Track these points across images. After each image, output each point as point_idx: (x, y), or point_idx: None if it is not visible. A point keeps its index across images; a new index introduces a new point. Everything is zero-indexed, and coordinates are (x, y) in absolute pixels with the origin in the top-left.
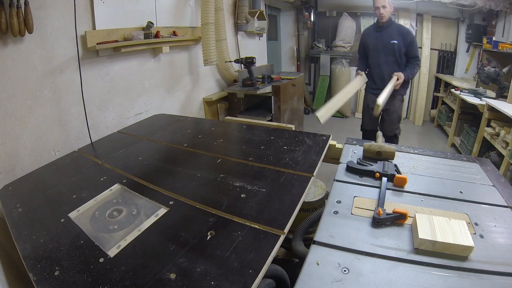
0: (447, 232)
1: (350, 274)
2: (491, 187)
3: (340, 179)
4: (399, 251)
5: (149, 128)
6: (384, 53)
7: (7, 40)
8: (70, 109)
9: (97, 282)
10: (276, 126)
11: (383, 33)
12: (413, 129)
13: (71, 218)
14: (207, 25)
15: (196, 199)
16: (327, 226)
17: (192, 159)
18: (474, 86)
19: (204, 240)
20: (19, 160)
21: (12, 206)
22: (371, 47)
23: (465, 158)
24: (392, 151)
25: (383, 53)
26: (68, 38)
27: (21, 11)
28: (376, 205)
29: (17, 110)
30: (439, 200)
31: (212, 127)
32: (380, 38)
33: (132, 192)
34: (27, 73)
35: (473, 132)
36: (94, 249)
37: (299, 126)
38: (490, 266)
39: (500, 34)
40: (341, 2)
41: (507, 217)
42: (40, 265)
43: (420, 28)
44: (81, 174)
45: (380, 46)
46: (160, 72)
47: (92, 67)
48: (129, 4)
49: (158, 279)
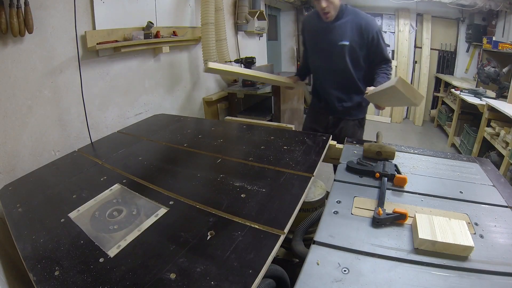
0: (447, 232)
1: (350, 274)
2: (491, 187)
3: (340, 179)
4: (399, 251)
5: (149, 128)
6: (327, 60)
7: (7, 40)
8: (70, 109)
9: (97, 282)
10: (276, 126)
11: (329, 27)
12: (413, 129)
13: (71, 218)
14: (207, 25)
15: (196, 199)
16: (327, 226)
17: (192, 159)
18: (474, 86)
19: (204, 240)
20: (19, 160)
21: (12, 206)
22: (309, 47)
23: (465, 158)
24: (392, 151)
25: (326, 59)
26: (68, 38)
27: (21, 11)
28: (376, 205)
29: (17, 110)
30: (439, 200)
31: (212, 127)
32: (323, 35)
33: (132, 192)
34: (27, 73)
35: (473, 132)
36: (94, 249)
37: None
38: (490, 266)
39: (500, 34)
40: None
41: (507, 217)
42: (40, 265)
43: (420, 28)
44: (81, 174)
45: (322, 48)
46: (160, 72)
47: (92, 67)
48: (129, 4)
49: (158, 279)
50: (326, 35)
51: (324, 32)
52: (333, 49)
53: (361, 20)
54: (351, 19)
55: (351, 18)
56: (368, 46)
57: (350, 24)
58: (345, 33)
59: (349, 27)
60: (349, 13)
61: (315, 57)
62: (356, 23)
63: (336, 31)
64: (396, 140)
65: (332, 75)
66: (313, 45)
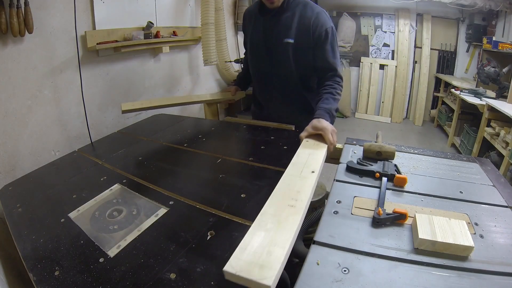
0: (447, 232)
1: (350, 274)
2: (491, 187)
3: (340, 179)
4: (399, 251)
5: (149, 128)
6: (268, 62)
7: (7, 40)
8: (70, 109)
9: (97, 282)
10: (276, 126)
11: (272, 21)
12: (413, 129)
13: (71, 218)
14: (207, 25)
15: (196, 199)
16: (327, 226)
17: (192, 159)
18: (474, 86)
19: (204, 240)
20: (19, 160)
21: (12, 206)
22: (249, 44)
23: (465, 158)
24: (392, 151)
25: (267, 61)
26: (68, 38)
27: (21, 11)
28: (376, 205)
29: (17, 110)
30: (439, 200)
31: (212, 127)
32: (265, 31)
33: (132, 192)
34: (27, 73)
35: (473, 132)
36: (94, 249)
37: None
38: (490, 266)
39: (500, 34)
40: (341, 2)
41: (507, 217)
42: (40, 265)
43: (420, 28)
44: (81, 174)
45: (263, 47)
46: (160, 72)
47: (92, 67)
48: (129, 4)
49: (158, 279)
50: (269, 31)
51: (266, 27)
52: (276, 48)
53: (311, 13)
54: (299, 11)
55: (299, 10)
56: (315, 47)
57: (298, 17)
58: (291, 29)
59: (296, 22)
60: (298, 3)
61: (254, 57)
62: (304, 17)
63: (281, 26)
64: (396, 140)
65: (275, 82)
66: (253, 43)
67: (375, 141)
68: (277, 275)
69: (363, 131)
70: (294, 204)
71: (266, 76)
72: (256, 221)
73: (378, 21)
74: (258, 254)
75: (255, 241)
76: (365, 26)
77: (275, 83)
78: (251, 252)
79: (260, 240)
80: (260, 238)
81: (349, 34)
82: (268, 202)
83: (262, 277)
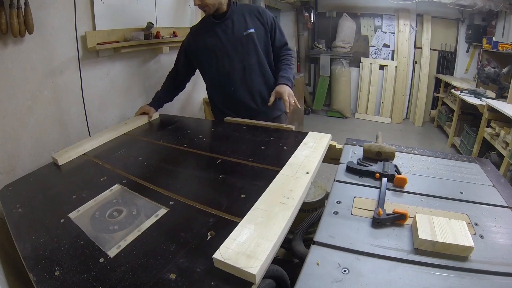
0: (447, 233)
1: (350, 274)
2: (491, 188)
3: (340, 179)
4: (399, 251)
5: (149, 129)
6: (239, 55)
7: (7, 40)
8: (70, 109)
9: (97, 282)
10: (276, 126)
11: (228, 23)
12: (413, 129)
13: (71, 218)
14: None
15: (196, 200)
16: (327, 226)
17: (192, 159)
18: (474, 86)
19: (204, 240)
20: (19, 160)
21: (12, 206)
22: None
23: (465, 158)
24: (392, 152)
25: (238, 55)
26: (68, 39)
27: (21, 11)
28: (376, 205)
29: (17, 110)
30: (439, 201)
31: (212, 127)
32: (225, 31)
33: (132, 192)
34: (27, 73)
35: (473, 133)
36: (94, 249)
37: (299, 127)
38: (490, 266)
39: (500, 34)
40: (341, 3)
41: (507, 217)
42: (40, 265)
43: (420, 29)
44: (81, 174)
45: (229, 47)
46: (160, 73)
47: (92, 67)
48: (129, 4)
49: (158, 279)
50: (227, 32)
51: (225, 28)
52: (240, 41)
53: (255, 8)
54: (243, 8)
55: (243, 8)
56: (272, 32)
57: (248, 13)
58: (246, 22)
59: (248, 15)
60: (239, 4)
61: (222, 56)
62: (252, 10)
63: (236, 23)
64: (396, 141)
65: (248, 71)
66: (212, 48)
67: (375, 141)
68: (262, 265)
69: (363, 131)
70: (285, 201)
71: (239, 72)
72: (248, 215)
73: (378, 21)
74: (246, 245)
75: (245, 233)
76: (365, 27)
77: (248, 76)
78: (240, 242)
79: (250, 232)
80: (250, 230)
81: (349, 34)
82: (261, 199)
83: (248, 266)
